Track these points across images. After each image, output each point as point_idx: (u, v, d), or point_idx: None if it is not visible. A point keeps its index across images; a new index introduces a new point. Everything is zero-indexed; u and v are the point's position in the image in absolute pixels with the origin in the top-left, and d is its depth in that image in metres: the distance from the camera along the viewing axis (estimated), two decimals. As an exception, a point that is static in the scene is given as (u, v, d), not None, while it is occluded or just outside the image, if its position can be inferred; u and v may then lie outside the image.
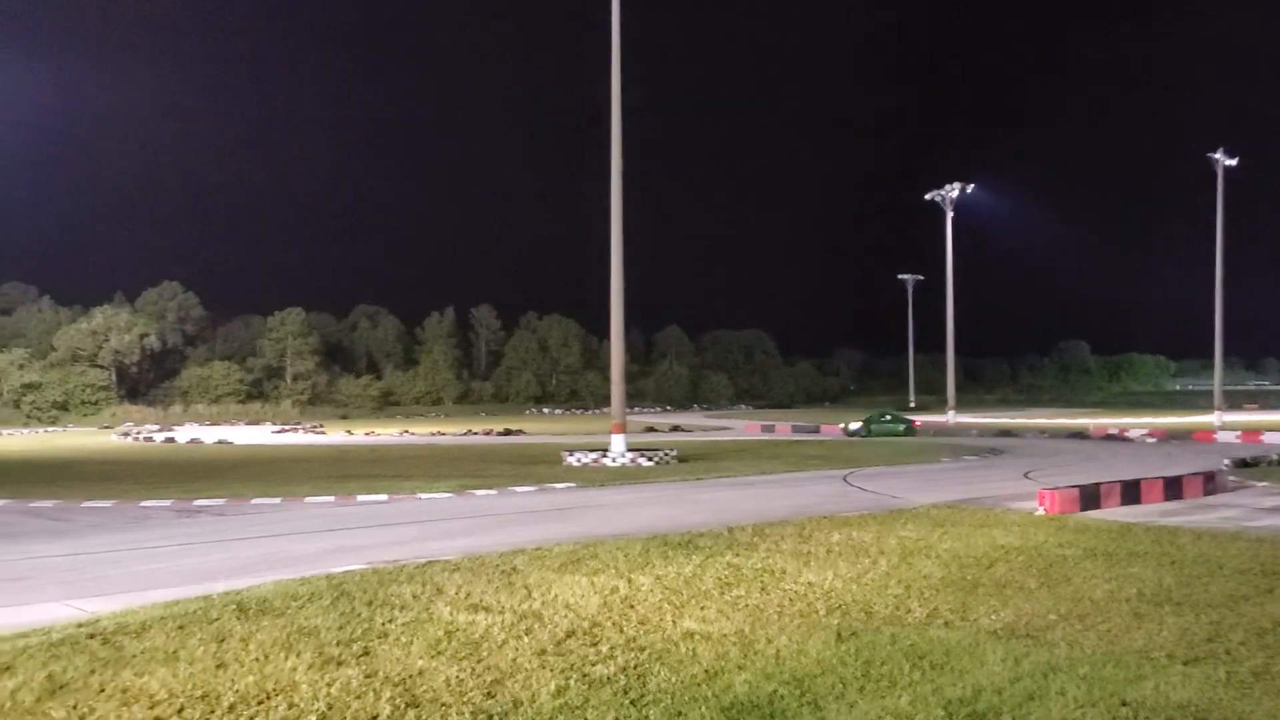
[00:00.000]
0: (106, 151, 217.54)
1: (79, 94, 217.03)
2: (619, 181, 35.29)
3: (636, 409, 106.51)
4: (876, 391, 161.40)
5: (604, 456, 33.44)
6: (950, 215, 74.07)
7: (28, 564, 14.96)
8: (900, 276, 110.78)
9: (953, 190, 73.93)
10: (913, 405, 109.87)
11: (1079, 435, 52.35)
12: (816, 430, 60.17)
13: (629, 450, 33.90)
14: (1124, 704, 7.17)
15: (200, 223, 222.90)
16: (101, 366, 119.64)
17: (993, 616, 9.90)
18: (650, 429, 66.79)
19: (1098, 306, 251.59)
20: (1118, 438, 49.88)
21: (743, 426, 70.30)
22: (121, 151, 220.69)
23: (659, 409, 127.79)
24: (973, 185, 74.52)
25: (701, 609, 10.16)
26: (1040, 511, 18.65)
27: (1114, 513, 19.02)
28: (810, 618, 9.82)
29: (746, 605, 10.37)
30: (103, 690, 7.24)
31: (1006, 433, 55.64)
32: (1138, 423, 62.18)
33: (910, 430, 56.84)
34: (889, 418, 59.70)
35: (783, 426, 63.08)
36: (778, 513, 18.90)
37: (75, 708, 6.87)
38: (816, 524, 16.81)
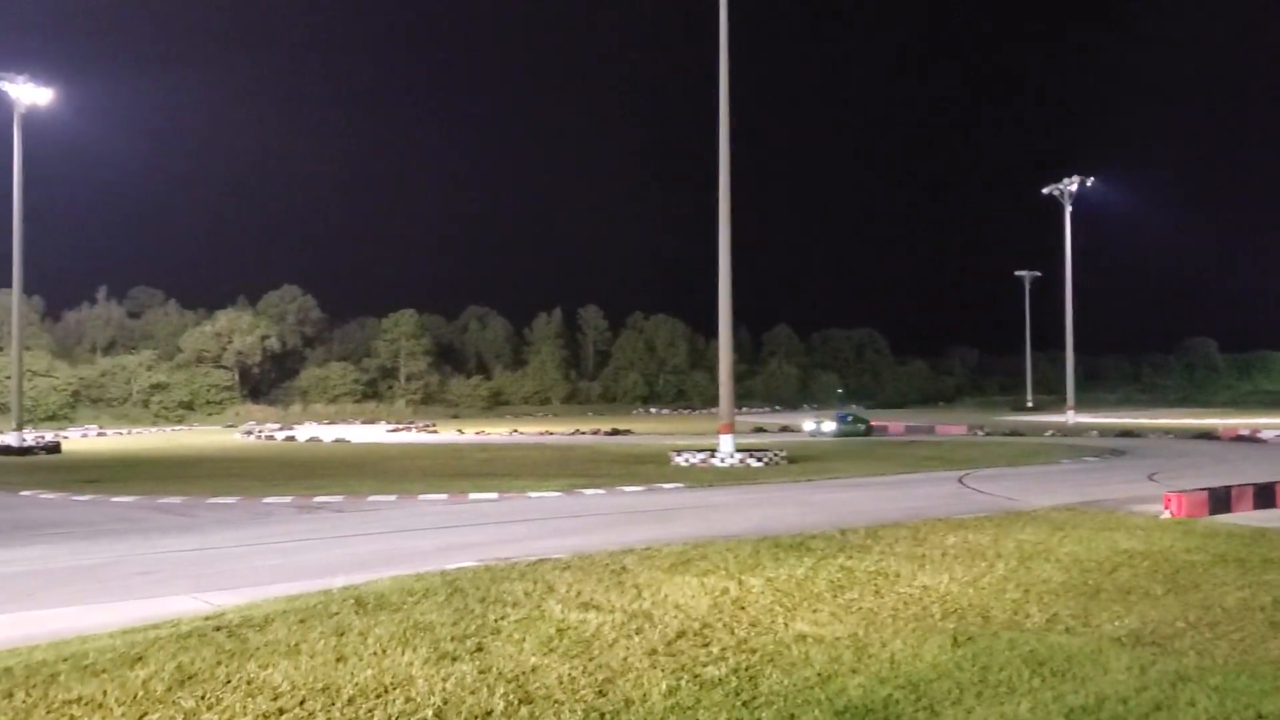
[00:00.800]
0: (227, 159, 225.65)
1: (199, 103, 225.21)
2: (727, 180, 35.17)
3: (744, 409, 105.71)
4: (992, 391, 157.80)
5: (712, 457, 33.31)
6: (1069, 209, 72.02)
7: (157, 558, 15.55)
8: (1017, 273, 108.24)
9: (1071, 184, 71.86)
10: (1030, 405, 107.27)
11: (1207, 436, 50.36)
12: (931, 430, 59.10)
13: (737, 451, 33.71)
14: (1260, 716, 6.85)
15: (318, 227, 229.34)
16: (225, 367, 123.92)
17: (1116, 623, 9.56)
18: (759, 429, 66.37)
19: (1226, 302, 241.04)
20: (1249, 439, 47.83)
21: (853, 427, 69.40)
22: (241, 159, 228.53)
23: (767, 409, 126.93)
24: (1092, 179, 72.29)
25: (814, 611, 10.03)
26: (1166, 515, 17.96)
27: (1246, 517, 18.21)
28: (925, 621, 9.62)
29: (860, 608, 10.21)
30: (229, 681, 7.46)
31: (1129, 433, 53.86)
32: (1271, 423, 59.49)
33: (869, 430, 58.55)
34: (850, 418, 61.93)
35: (895, 426, 62.09)
36: (891, 514, 18.59)
37: (203, 698, 7.09)
38: (931, 526, 16.48)
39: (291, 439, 67.85)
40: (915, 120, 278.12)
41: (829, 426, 59.53)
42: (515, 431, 71.89)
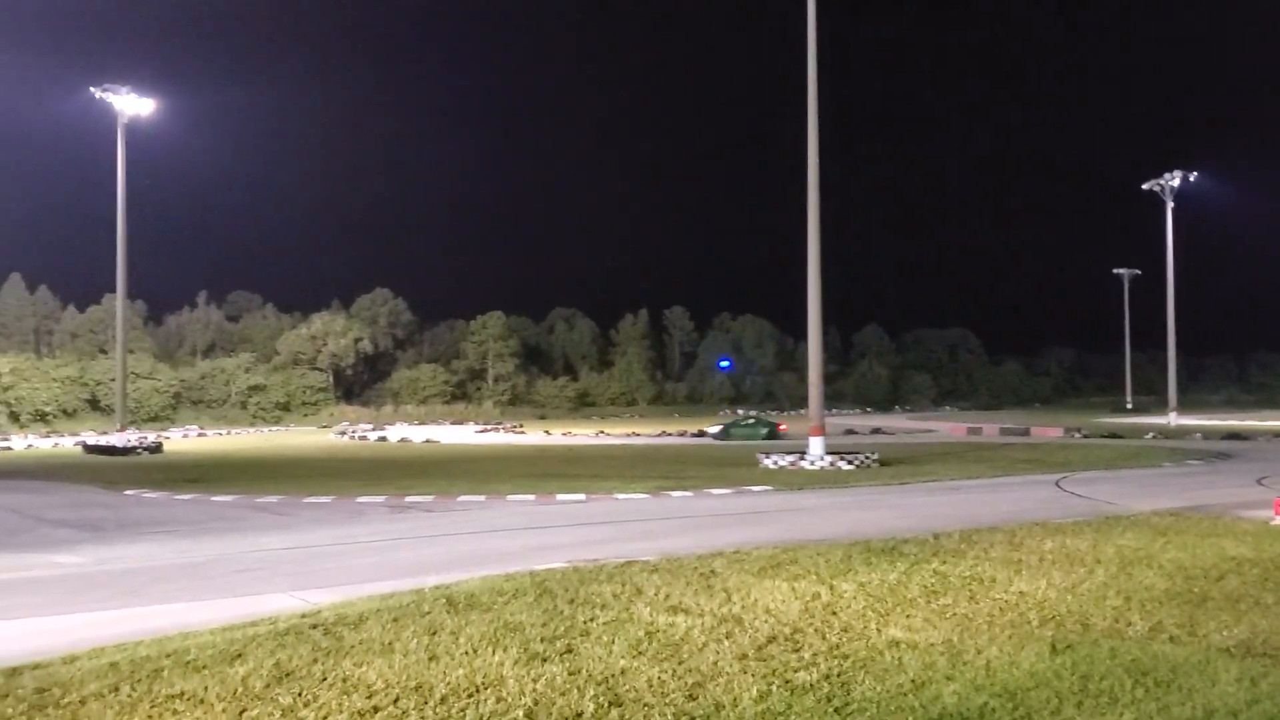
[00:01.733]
0: (321, 166, 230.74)
1: (296, 111, 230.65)
2: (815, 178, 34.85)
3: (835, 410, 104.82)
4: (1090, 392, 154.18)
5: (802, 459, 33.03)
6: (1170, 205, 69.89)
7: (256, 556, 15.91)
8: (1116, 271, 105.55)
9: (1173, 179, 69.75)
10: (1129, 406, 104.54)
11: (1319, 439, 48.50)
12: (1026, 433, 57.84)
13: (828, 453, 33.38)
14: (1382, 735, 6.53)
15: (409, 231, 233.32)
16: (320, 369, 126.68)
17: (1224, 633, 9.20)
18: (850, 431, 65.65)
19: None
20: (1364, 442, 45.93)
21: (947, 429, 68.28)
22: (334, 166, 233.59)
23: (858, 411, 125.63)
24: (1195, 173, 70.09)
25: (907, 617, 9.84)
26: (1277, 521, 17.29)
27: (1363, 524, 17.44)
28: (1022, 628, 9.38)
29: (954, 614, 10.00)
30: (325, 679, 7.57)
31: (1235, 435, 52.05)
32: (1389, 426, 57.05)
33: (774, 434, 57.25)
34: (751, 422, 61.84)
35: (990, 428, 60.93)
36: (985, 518, 18.20)
37: (300, 695, 7.20)
38: (1028, 531, 16.09)
39: (383, 439, 69.06)
40: (1009, 116, 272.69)
41: (729, 430, 60.40)
42: (601, 433, 72.20)
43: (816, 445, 33.53)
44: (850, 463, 32.75)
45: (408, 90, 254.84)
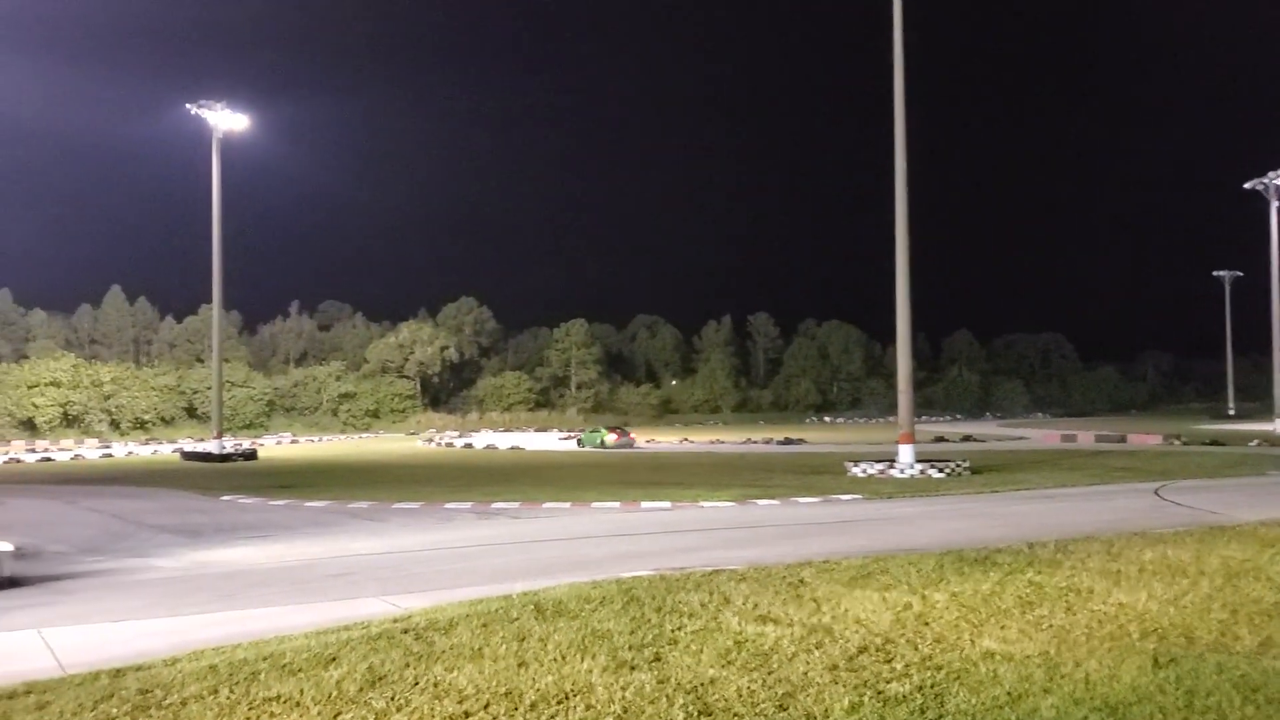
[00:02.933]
0: (408, 177, 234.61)
1: (382, 124, 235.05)
2: (903, 180, 34.40)
3: (924, 418, 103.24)
4: (1188, 398, 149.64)
5: (891, 467, 32.60)
6: (1276, 204, 67.52)
7: (348, 561, 16.19)
8: (1216, 273, 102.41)
9: (1277, 178, 67.37)
10: (1231, 412, 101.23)
11: None
12: (1123, 440, 56.27)
13: (918, 461, 32.89)
14: None
15: (492, 240, 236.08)
16: (407, 377, 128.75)
17: (1340, 649, 8.81)
18: (940, 438, 64.55)
19: None
20: None
21: (1040, 436, 66.82)
22: (421, 177, 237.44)
23: (948, 418, 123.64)
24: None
25: (1001, 628, 9.61)
26: (1393, 533, 16.54)
27: None
28: (1122, 641, 9.08)
29: (1050, 626, 9.73)
30: (417, 683, 7.64)
31: (1346, 443, 50.08)
32: None
33: (613, 443, 61.68)
34: (596, 430, 66.77)
35: (1084, 436, 59.44)
36: (1082, 528, 17.71)
37: (393, 699, 7.27)
38: (1126, 540, 15.61)
39: (469, 446, 69.85)
40: (1102, 116, 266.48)
41: (580, 440, 65.72)
42: (685, 440, 72.08)
43: (906, 453, 33.06)
44: (941, 470, 32.21)
45: (493, 100, 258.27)
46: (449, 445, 73.38)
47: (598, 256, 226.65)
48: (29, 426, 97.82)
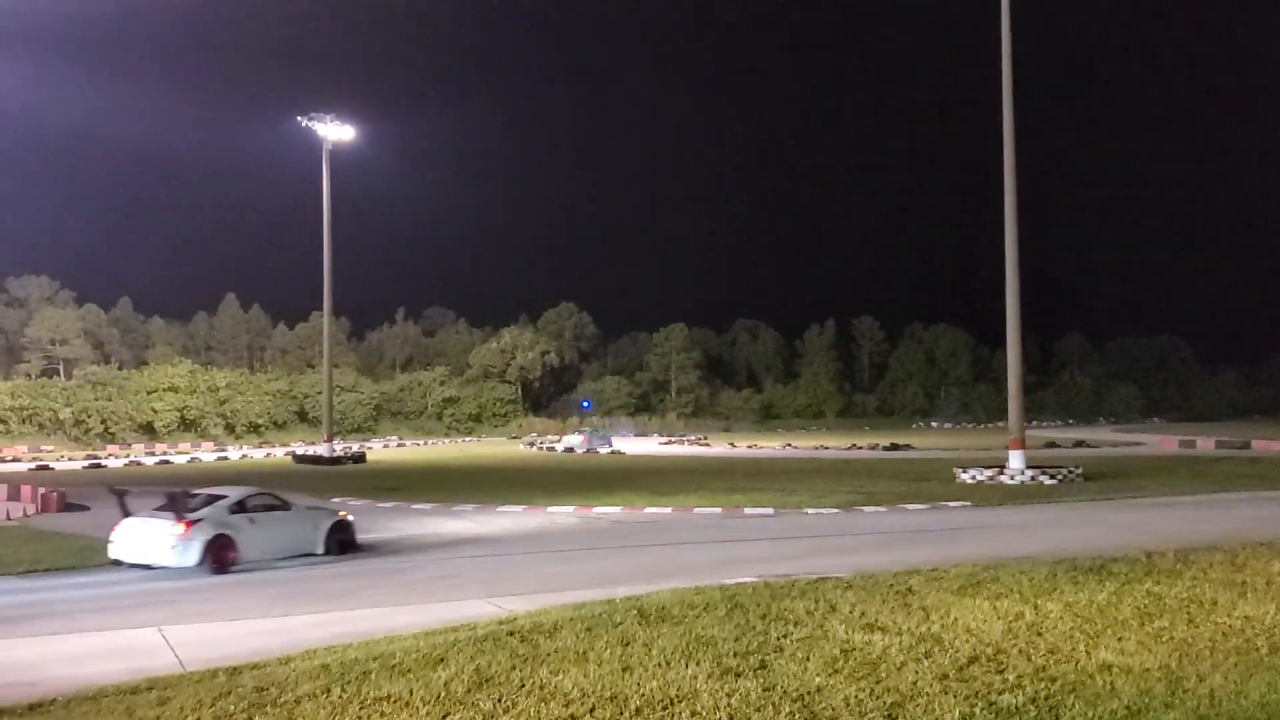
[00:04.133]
0: (508, 185, 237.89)
1: (484, 134, 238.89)
2: (1012, 179, 33.64)
3: (1035, 423, 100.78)
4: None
5: (1000, 473, 31.86)
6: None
7: (455, 563, 16.41)
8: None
9: None
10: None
11: None
12: (1246, 446, 54.00)
13: (1028, 467, 32.09)
14: None
15: (592, 246, 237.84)
16: (509, 382, 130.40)
17: None
18: (1051, 444, 62.83)
19: None
20: None
21: (1157, 441, 64.60)
22: (519, 183, 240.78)
23: (1060, 423, 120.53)
24: None
25: (1119, 640, 9.28)
26: None
27: None
28: (1249, 655, 8.69)
29: (1171, 638, 9.36)
30: (523, 686, 7.68)
31: None
32: None
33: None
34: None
35: (1204, 442, 57.22)
36: (1203, 537, 17.05)
37: (500, 701, 7.32)
38: (1252, 551, 14.96)
39: (570, 450, 70.36)
40: (1214, 108, 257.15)
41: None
42: (788, 445, 71.55)
43: (1016, 459, 32.30)
44: (1053, 477, 31.38)
45: (592, 106, 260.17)
46: (549, 449, 74.05)
47: (698, 260, 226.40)
48: (148, 430, 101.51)
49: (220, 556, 15.76)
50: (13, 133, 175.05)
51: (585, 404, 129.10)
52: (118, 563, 16.21)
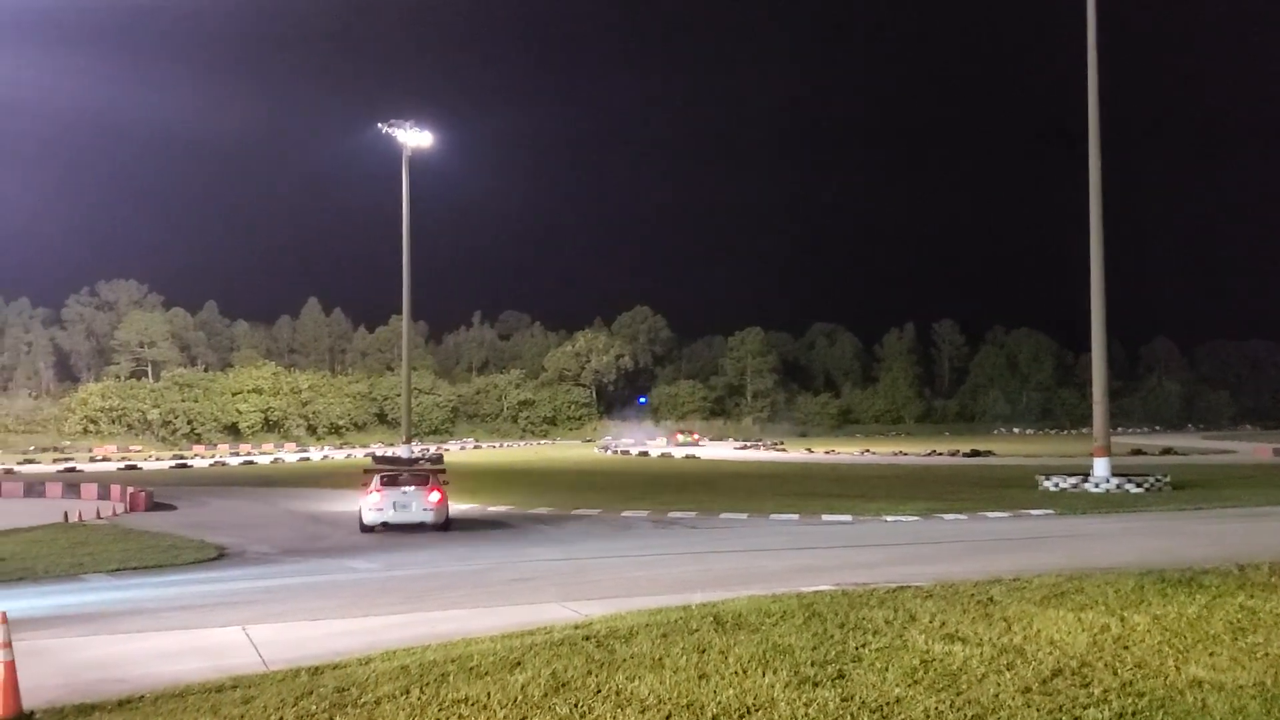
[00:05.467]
0: (582, 190, 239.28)
1: (560, 136, 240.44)
2: (1097, 179, 32.87)
3: (1120, 429, 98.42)
4: None
5: (1085, 481, 31.18)
6: None
7: (530, 566, 16.53)
8: None
9: None
10: None
11: None
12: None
13: (1114, 475, 31.33)
14: None
15: (667, 249, 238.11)
16: (583, 385, 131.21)
17: None
18: (1137, 451, 61.38)
19: None
20: None
21: (1249, 449, 62.69)
22: (595, 187, 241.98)
23: (1146, 429, 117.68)
24: None
25: (1210, 655, 8.99)
26: None
27: None
28: (1350, 675, 8.36)
29: (1267, 654, 9.03)
30: (599, 691, 7.68)
31: None
32: None
33: None
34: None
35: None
36: (1299, 549, 16.48)
37: (576, 705, 7.33)
38: (1354, 565, 14.43)
39: (644, 454, 70.46)
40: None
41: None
42: (866, 451, 70.87)
43: (1101, 466, 31.58)
44: (1139, 485, 30.62)
45: (668, 109, 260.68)
46: (624, 453, 74.25)
47: (773, 263, 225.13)
48: (233, 431, 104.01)
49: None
50: (105, 138, 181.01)
51: (642, 399, 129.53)
52: (384, 526, 22.11)
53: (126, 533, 22.23)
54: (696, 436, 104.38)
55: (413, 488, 22.40)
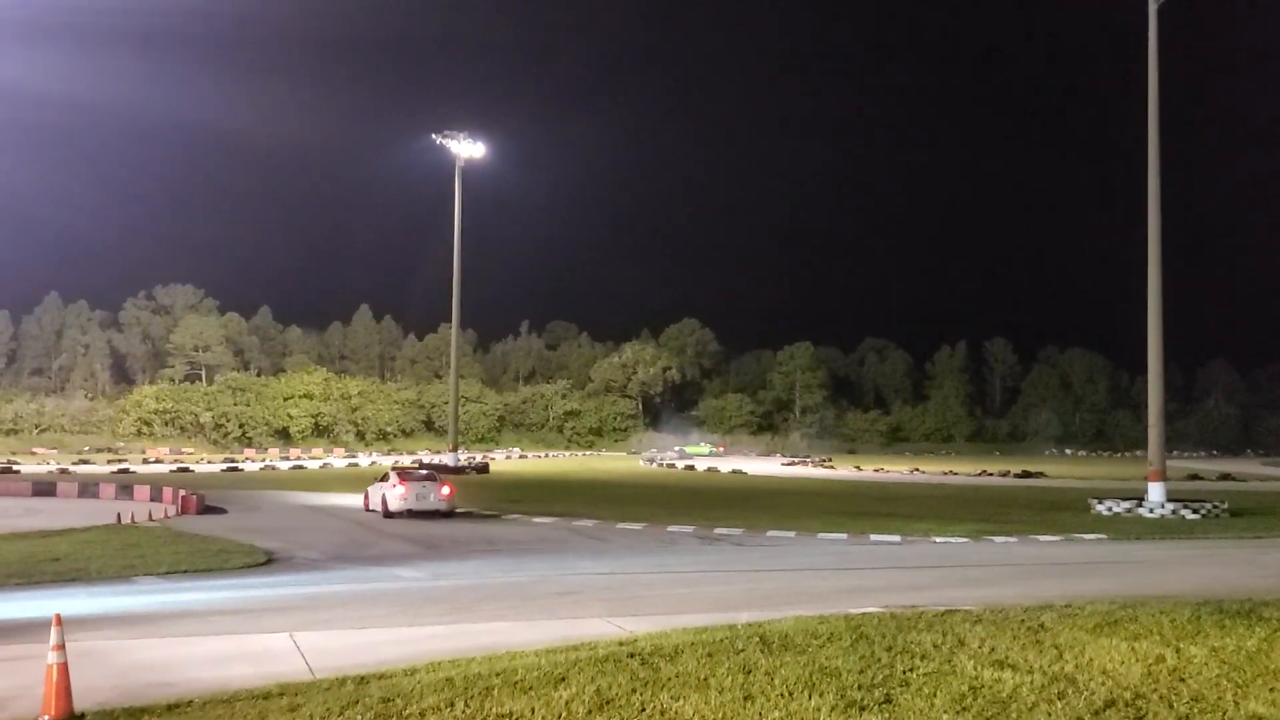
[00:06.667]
0: (632, 200, 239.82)
1: (608, 148, 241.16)
2: (1156, 196, 32.38)
3: (1176, 453, 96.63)
4: None
5: (1139, 505, 30.61)
6: None
7: (575, 579, 16.50)
8: None
9: None
10: None
11: None
12: None
13: (1169, 500, 30.76)
14: None
15: (716, 262, 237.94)
16: (630, 397, 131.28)
17: None
18: (1194, 476, 60.15)
19: None
20: None
21: (1313, 476, 61.41)
22: (643, 198, 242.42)
23: (1203, 454, 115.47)
24: None
25: (1270, 691, 8.75)
26: None
27: None
28: None
29: (1330, 692, 8.80)
30: (643, 710, 7.63)
31: None
32: None
33: None
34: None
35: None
36: (1365, 581, 16.06)
37: (620, 724, 7.29)
38: None
39: (690, 468, 70.31)
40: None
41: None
42: (916, 470, 70.18)
43: (1156, 491, 31.00)
44: (1195, 511, 30.00)
45: (717, 122, 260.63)
46: (669, 466, 74.14)
47: (824, 277, 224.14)
48: (283, 435, 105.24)
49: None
50: (164, 143, 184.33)
51: None
52: (409, 513, 28.16)
53: (177, 535, 22.52)
54: (722, 449, 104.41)
55: (429, 484, 29.31)
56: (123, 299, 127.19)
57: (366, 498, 31.23)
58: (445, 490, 29.00)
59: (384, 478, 30.30)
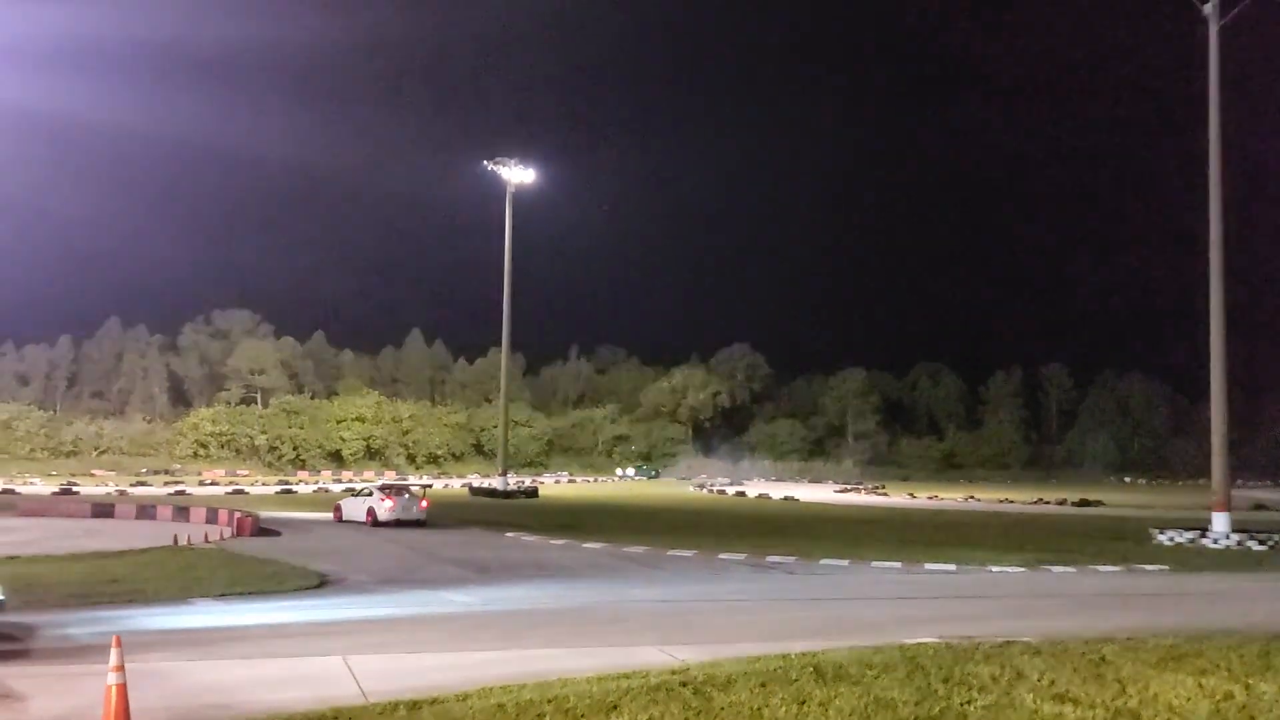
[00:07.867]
0: (681, 224, 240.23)
1: (659, 171, 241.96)
2: (1218, 218, 31.75)
3: (1240, 482, 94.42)
4: None
5: (1203, 536, 29.89)
6: None
7: (625, 607, 16.44)
8: None
9: None
10: None
11: None
12: None
13: (1234, 530, 30.01)
14: None
15: (767, 286, 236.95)
16: (679, 422, 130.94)
17: None
18: (1259, 506, 58.64)
19: None
20: None
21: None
22: (694, 222, 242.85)
23: (1269, 483, 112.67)
24: None
25: (1346, 731, 8.48)
26: None
27: None
28: None
29: (1407, 734, 8.49)
30: (708, 741, 7.53)
31: None
32: None
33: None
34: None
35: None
36: None
37: (672, 755, 7.20)
38: None
39: (741, 494, 69.91)
40: None
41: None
42: (971, 498, 69.18)
43: (1220, 521, 30.26)
44: (1262, 543, 29.21)
45: (768, 147, 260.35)
46: (720, 492, 73.80)
47: (876, 301, 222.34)
48: (336, 458, 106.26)
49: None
50: (222, 170, 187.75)
51: None
52: (396, 522, 33.05)
53: (232, 558, 22.75)
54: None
55: (410, 498, 35.05)
56: (181, 324, 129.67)
57: (338, 510, 36.34)
58: (423, 503, 35.02)
59: (365, 493, 36.04)
